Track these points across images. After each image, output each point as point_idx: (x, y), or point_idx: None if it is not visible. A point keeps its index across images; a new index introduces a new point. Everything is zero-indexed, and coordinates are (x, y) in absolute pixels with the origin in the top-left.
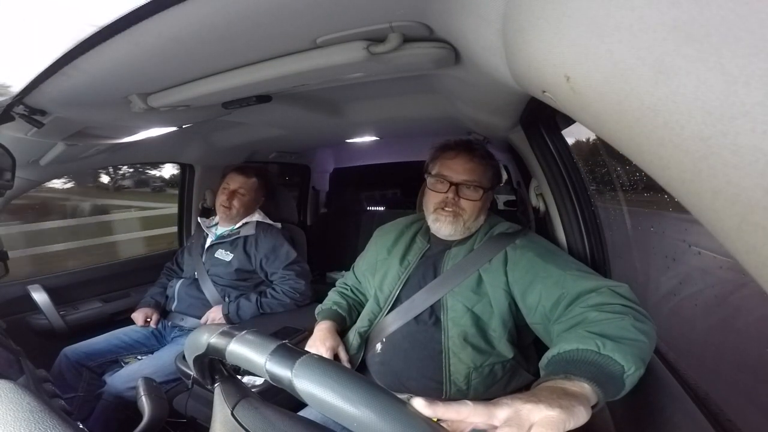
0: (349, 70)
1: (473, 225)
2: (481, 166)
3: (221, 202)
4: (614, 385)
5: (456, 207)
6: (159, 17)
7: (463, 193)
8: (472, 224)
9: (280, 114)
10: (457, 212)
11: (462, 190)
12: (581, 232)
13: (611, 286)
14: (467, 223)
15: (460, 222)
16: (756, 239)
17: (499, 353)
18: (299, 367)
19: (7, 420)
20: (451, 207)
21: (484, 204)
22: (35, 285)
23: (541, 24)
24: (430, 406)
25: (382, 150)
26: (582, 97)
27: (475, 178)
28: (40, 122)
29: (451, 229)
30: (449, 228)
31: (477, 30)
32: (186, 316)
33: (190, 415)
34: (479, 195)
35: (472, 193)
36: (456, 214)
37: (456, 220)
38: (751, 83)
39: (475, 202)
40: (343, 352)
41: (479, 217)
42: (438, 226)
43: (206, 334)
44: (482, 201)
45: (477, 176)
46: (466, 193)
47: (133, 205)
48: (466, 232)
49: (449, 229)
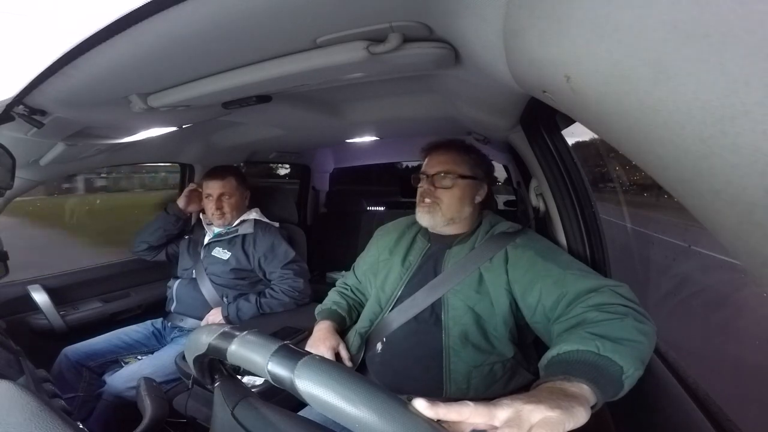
0: (349, 70)
1: (457, 216)
2: (457, 157)
3: (212, 211)
4: (613, 386)
5: (432, 197)
6: (159, 17)
7: (438, 182)
8: (455, 214)
9: (280, 114)
10: (434, 202)
11: (437, 180)
12: (581, 232)
13: (611, 285)
14: (447, 213)
15: (438, 211)
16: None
17: (499, 352)
18: (301, 368)
19: (6, 420)
20: (429, 197)
21: (466, 192)
22: (35, 285)
23: (541, 24)
24: (431, 407)
25: (382, 150)
26: (582, 97)
27: (449, 167)
28: (40, 122)
29: (430, 218)
30: (428, 218)
31: (477, 30)
32: (185, 317)
33: (190, 415)
34: (452, 182)
35: (445, 181)
36: (433, 204)
37: (433, 210)
38: (751, 83)
39: (449, 189)
40: (344, 351)
41: (463, 208)
42: (419, 217)
43: (207, 334)
44: (462, 189)
45: (450, 166)
46: (441, 182)
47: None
48: (450, 222)
49: (428, 219)
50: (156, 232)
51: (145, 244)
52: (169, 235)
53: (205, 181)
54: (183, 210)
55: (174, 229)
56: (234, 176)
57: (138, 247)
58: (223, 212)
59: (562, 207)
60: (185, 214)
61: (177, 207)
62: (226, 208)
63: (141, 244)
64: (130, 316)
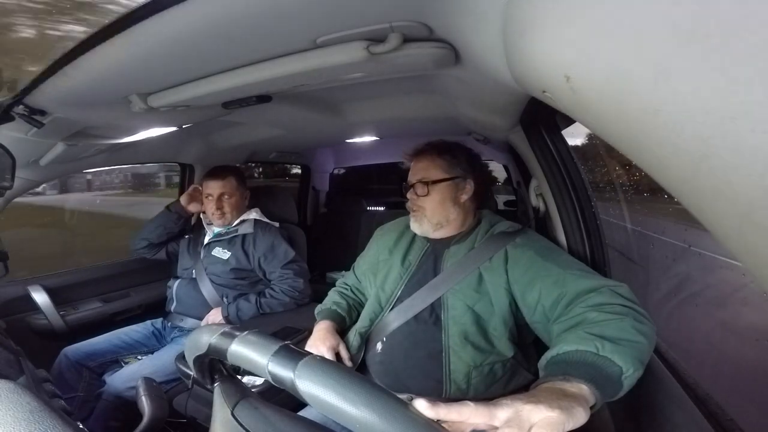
0: (349, 70)
1: (443, 219)
2: (431, 163)
3: (212, 211)
4: (612, 387)
5: (416, 206)
6: (159, 17)
7: (418, 191)
8: (440, 218)
9: (280, 114)
10: (419, 211)
11: (417, 189)
12: (581, 232)
13: (611, 285)
14: (432, 219)
15: (424, 219)
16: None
17: (499, 352)
18: (302, 368)
19: (7, 420)
20: (415, 207)
21: (445, 195)
22: (35, 285)
23: (541, 24)
24: (431, 408)
25: (382, 150)
26: (582, 97)
27: (422, 175)
28: (40, 122)
29: (419, 227)
30: (417, 226)
31: (477, 30)
32: (185, 317)
33: (190, 415)
34: (426, 190)
35: (420, 189)
36: (418, 214)
37: (419, 218)
38: (751, 83)
39: (425, 197)
40: (345, 351)
41: (447, 210)
42: (412, 225)
43: (207, 334)
44: (440, 193)
45: (423, 173)
46: (419, 191)
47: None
48: (439, 227)
49: (417, 227)
50: (157, 229)
51: (145, 241)
52: (169, 233)
53: (205, 181)
54: (185, 208)
55: (175, 228)
56: (234, 176)
57: (138, 245)
58: (223, 212)
59: (562, 207)
60: (187, 212)
61: (179, 205)
62: (227, 208)
63: (141, 241)
64: (130, 316)
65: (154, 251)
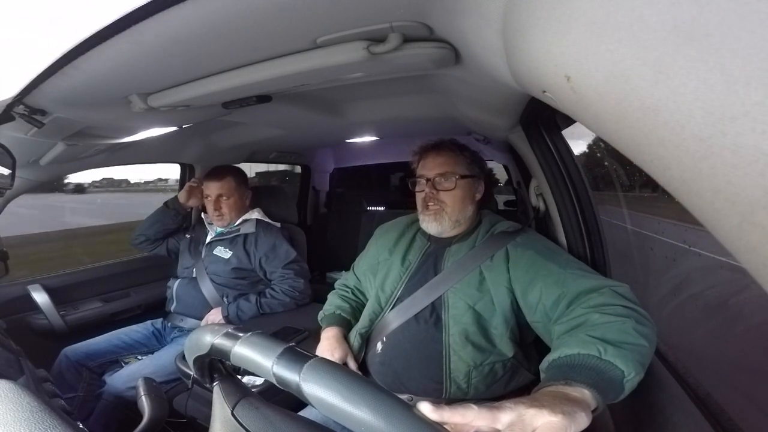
0: (350, 70)
1: (462, 217)
2: (451, 158)
3: (211, 212)
4: (614, 390)
5: (436, 201)
6: (159, 17)
7: (440, 185)
8: (459, 216)
9: (280, 114)
10: (439, 208)
11: (438, 183)
12: (581, 232)
13: (612, 286)
14: (453, 216)
15: (445, 217)
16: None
17: (499, 352)
18: (307, 370)
19: (7, 420)
20: (433, 202)
21: (467, 192)
22: (35, 285)
23: (541, 24)
24: (435, 411)
25: (382, 150)
26: (582, 97)
27: (447, 168)
28: (40, 122)
29: (437, 225)
30: (435, 225)
31: (477, 30)
32: (185, 317)
33: (190, 415)
34: (454, 183)
35: (447, 183)
36: (438, 211)
37: (440, 216)
38: (751, 83)
39: (452, 191)
40: (352, 361)
41: (466, 208)
42: (426, 225)
43: (209, 334)
44: (463, 189)
45: (448, 167)
46: (442, 184)
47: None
48: (456, 225)
49: (435, 226)
50: (154, 225)
51: (142, 236)
52: (167, 229)
53: (205, 181)
54: (183, 205)
55: (172, 224)
56: (233, 177)
57: (136, 240)
58: (221, 213)
59: (562, 207)
60: (185, 209)
61: (177, 202)
62: (225, 209)
63: (139, 236)
64: (130, 316)
65: (152, 246)
